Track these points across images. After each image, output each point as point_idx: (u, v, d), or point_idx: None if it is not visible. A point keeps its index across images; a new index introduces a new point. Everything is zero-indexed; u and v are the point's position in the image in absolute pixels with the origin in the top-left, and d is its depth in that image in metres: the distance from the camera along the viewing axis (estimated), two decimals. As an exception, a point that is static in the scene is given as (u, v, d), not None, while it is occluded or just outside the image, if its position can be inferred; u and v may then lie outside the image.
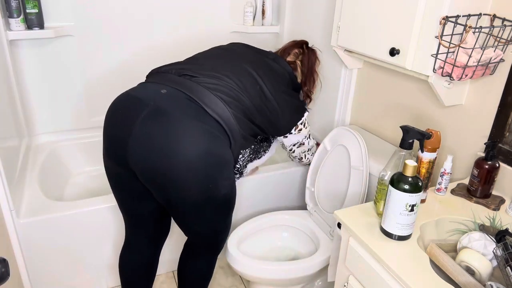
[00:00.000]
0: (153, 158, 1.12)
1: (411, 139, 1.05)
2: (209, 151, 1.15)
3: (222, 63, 1.33)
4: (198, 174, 1.15)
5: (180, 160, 1.11)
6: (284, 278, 1.55)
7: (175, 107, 1.15)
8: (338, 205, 1.61)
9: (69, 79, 2.09)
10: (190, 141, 1.12)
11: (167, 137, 1.11)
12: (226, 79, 1.26)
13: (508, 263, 0.88)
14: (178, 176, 1.13)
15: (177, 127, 1.12)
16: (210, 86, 1.23)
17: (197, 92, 1.20)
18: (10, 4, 1.77)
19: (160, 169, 1.13)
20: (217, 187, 1.20)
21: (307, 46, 1.59)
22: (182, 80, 1.24)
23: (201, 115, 1.17)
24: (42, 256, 1.59)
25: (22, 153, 1.87)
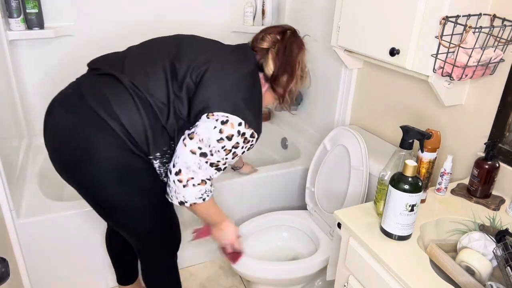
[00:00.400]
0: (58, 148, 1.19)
1: (411, 139, 1.05)
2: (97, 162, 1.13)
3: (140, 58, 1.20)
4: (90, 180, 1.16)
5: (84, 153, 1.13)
6: (284, 278, 1.55)
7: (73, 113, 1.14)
8: (338, 205, 1.61)
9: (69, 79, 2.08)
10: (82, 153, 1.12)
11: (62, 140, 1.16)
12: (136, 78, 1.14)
13: (508, 263, 0.88)
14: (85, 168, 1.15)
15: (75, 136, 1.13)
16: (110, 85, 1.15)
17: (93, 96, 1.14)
18: (10, 4, 1.77)
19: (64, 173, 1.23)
20: (109, 193, 1.17)
21: (293, 32, 1.24)
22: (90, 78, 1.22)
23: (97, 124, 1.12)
24: (42, 256, 1.59)
25: (22, 153, 1.87)
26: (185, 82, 1.13)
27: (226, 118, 1.11)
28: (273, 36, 1.22)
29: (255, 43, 1.24)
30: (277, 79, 1.21)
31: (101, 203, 1.22)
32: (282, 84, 1.22)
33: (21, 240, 1.52)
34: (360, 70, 1.78)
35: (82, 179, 1.18)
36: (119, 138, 1.11)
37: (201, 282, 1.90)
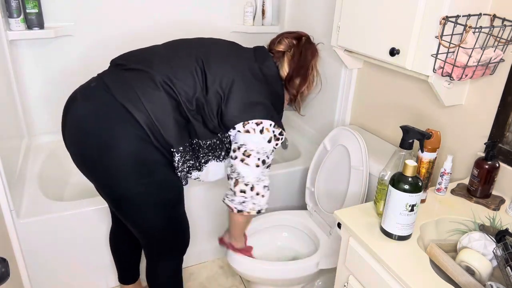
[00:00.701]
0: (77, 143, 1.22)
1: (411, 139, 1.05)
2: (132, 153, 1.14)
3: (164, 55, 1.24)
4: (125, 169, 1.16)
5: (104, 146, 1.15)
6: (284, 278, 1.55)
7: (96, 105, 1.17)
8: (338, 205, 1.61)
9: (69, 79, 2.08)
10: (112, 138, 1.14)
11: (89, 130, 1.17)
12: (158, 71, 1.18)
13: (508, 263, 0.88)
14: (105, 162, 1.16)
15: (99, 125, 1.15)
16: (134, 79, 1.17)
17: (120, 88, 1.16)
18: (10, 4, 1.77)
19: (83, 164, 1.23)
20: (125, 186, 1.18)
21: (307, 39, 1.34)
22: (115, 72, 1.23)
23: (121, 115, 1.14)
24: (42, 256, 1.59)
25: (22, 153, 1.87)
26: (214, 89, 1.19)
27: (261, 122, 1.20)
28: (290, 40, 1.31)
29: (272, 46, 1.33)
30: (291, 80, 1.30)
31: (117, 195, 1.22)
32: (295, 86, 1.32)
33: (21, 240, 1.52)
34: (360, 70, 1.78)
35: (101, 170, 1.18)
36: (142, 129, 1.13)
37: (201, 282, 1.90)
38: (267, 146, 1.23)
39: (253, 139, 1.21)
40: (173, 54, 1.24)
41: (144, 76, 1.17)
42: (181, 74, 1.18)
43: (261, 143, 1.21)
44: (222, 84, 1.19)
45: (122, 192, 1.20)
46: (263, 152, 1.23)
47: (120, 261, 1.64)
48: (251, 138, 1.21)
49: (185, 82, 1.18)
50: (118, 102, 1.14)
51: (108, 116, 1.14)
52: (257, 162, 1.23)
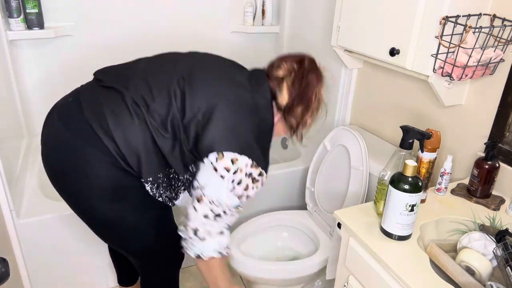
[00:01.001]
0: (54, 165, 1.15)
1: (411, 139, 1.05)
2: (88, 177, 1.09)
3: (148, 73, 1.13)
4: (80, 195, 1.12)
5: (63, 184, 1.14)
6: (284, 278, 1.55)
7: (69, 125, 1.11)
8: (338, 205, 1.61)
9: (69, 79, 2.09)
10: (75, 166, 1.09)
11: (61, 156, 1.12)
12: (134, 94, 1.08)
13: (508, 263, 0.88)
14: (68, 194, 1.15)
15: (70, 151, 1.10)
16: (108, 101, 1.09)
17: (92, 111, 1.09)
18: (10, 4, 1.77)
19: (56, 183, 1.17)
20: (100, 210, 1.13)
21: (312, 62, 1.17)
22: (93, 88, 1.16)
23: (93, 141, 1.07)
24: (42, 256, 1.59)
25: (22, 153, 1.87)
26: (192, 114, 1.06)
27: (236, 160, 1.04)
28: (290, 64, 1.15)
29: (270, 70, 1.17)
30: (291, 110, 1.14)
31: (92, 219, 1.19)
32: (296, 116, 1.15)
33: (21, 240, 1.52)
34: (360, 70, 1.78)
35: (73, 194, 1.14)
36: (111, 155, 1.05)
37: (201, 282, 1.90)
38: (227, 199, 1.07)
39: (213, 181, 1.06)
40: (154, 70, 1.13)
41: (117, 97, 1.08)
42: (157, 93, 1.07)
43: (221, 192, 1.06)
44: (203, 109, 1.06)
45: (97, 216, 1.15)
46: (218, 203, 1.07)
47: (118, 264, 1.63)
48: (212, 178, 1.05)
49: (160, 103, 1.06)
50: (89, 125, 1.06)
51: (78, 140, 1.07)
52: (205, 213, 1.08)
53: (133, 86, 1.09)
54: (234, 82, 1.12)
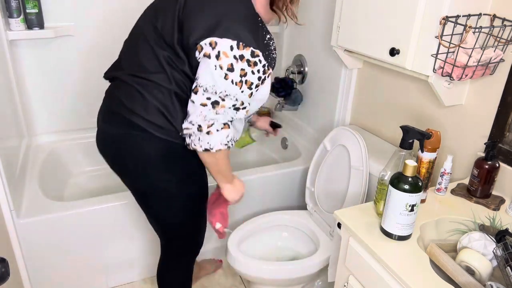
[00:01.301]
0: (109, 157, 1.29)
1: (411, 139, 1.05)
2: (143, 153, 1.19)
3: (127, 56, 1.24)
4: (136, 176, 1.24)
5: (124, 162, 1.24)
6: (284, 278, 1.55)
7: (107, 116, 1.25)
8: (338, 205, 1.61)
9: (69, 79, 2.09)
10: (126, 150, 1.21)
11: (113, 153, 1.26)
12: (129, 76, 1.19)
13: (508, 263, 0.88)
14: (127, 168, 1.25)
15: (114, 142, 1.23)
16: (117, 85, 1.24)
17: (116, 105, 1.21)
18: (10, 4, 1.77)
19: (114, 163, 1.28)
20: (150, 182, 1.23)
21: None
22: (113, 91, 1.27)
23: (127, 123, 1.18)
24: (42, 256, 1.59)
25: (22, 153, 1.87)
26: (173, 34, 1.09)
27: (215, 43, 1.01)
28: None
29: None
30: None
31: (142, 192, 1.28)
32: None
33: (21, 240, 1.52)
34: (360, 70, 1.78)
35: (130, 172, 1.25)
36: (146, 131, 1.15)
37: (201, 281, 1.90)
38: (220, 82, 1.04)
39: (205, 70, 1.04)
40: (131, 38, 1.25)
41: (120, 82, 1.22)
42: (140, 50, 1.16)
43: (213, 77, 1.03)
44: (176, 19, 1.08)
45: (147, 188, 1.25)
46: (212, 90, 1.05)
47: None
48: (204, 70, 1.05)
49: (147, 57, 1.15)
50: (119, 114, 1.19)
51: (118, 129, 1.21)
52: (202, 101, 1.07)
53: (125, 63, 1.23)
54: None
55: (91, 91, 2.14)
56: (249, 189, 1.88)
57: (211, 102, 1.07)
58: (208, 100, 1.07)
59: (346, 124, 1.90)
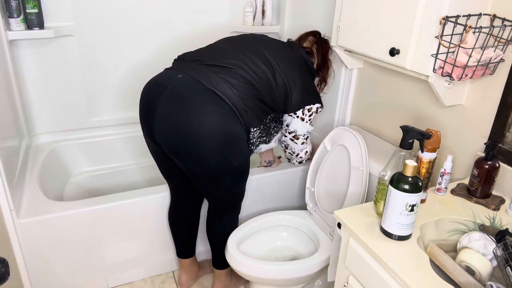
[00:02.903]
0: (172, 134, 1.38)
1: (411, 139, 1.05)
2: (220, 128, 1.36)
3: (231, 49, 1.50)
4: (213, 148, 1.37)
5: (194, 136, 1.35)
6: (284, 278, 1.55)
7: (188, 90, 1.37)
8: (338, 205, 1.61)
9: (69, 79, 2.09)
10: (202, 120, 1.34)
11: (182, 116, 1.35)
12: (232, 62, 1.43)
13: (508, 263, 0.88)
14: (195, 149, 1.37)
15: (191, 108, 1.34)
16: (217, 70, 1.41)
17: (206, 77, 1.39)
18: (10, 4, 1.77)
19: (179, 144, 1.38)
20: (229, 159, 1.42)
21: (320, 35, 1.72)
22: (195, 66, 1.44)
23: (210, 97, 1.37)
24: (42, 256, 1.59)
25: (22, 153, 1.87)
26: (280, 77, 1.48)
27: (311, 108, 1.58)
28: (311, 38, 1.70)
29: (298, 42, 1.69)
30: (322, 67, 1.69)
31: (203, 170, 1.43)
32: (324, 71, 1.71)
33: (21, 240, 1.52)
34: (360, 70, 1.78)
35: (192, 151, 1.39)
36: (229, 107, 1.38)
37: (201, 281, 1.90)
38: (310, 128, 1.65)
39: (301, 126, 1.61)
40: (239, 47, 1.50)
41: (223, 68, 1.42)
42: (251, 63, 1.45)
43: (306, 128, 1.63)
44: (285, 74, 1.48)
45: (208, 167, 1.41)
46: (307, 133, 1.67)
47: (178, 236, 1.78)
48: (301, 124, 1.60)
49: (257, 69, 1.44)
50: (207, 88, 1.37)
51: (197, 96, 1.36)
52: (303, 141, 1.69)
53: (232, 60, 1.44)
54: (292, 52, 1.58)
55: (91, 91, 2.14)
56: (249, 189, 1.88)
57: (306, 138, 1.69)
58: (304, 139, 1.70)
59: (346, 124, 1.90)
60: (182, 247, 1.79)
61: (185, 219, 1.74)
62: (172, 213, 1.74)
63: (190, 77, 1.40)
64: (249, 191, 1.89)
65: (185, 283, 1.83)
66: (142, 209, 1.71)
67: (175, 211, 1.73)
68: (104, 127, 2.24)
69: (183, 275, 1.83)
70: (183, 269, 1.82)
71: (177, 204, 1.72)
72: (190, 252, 1.81)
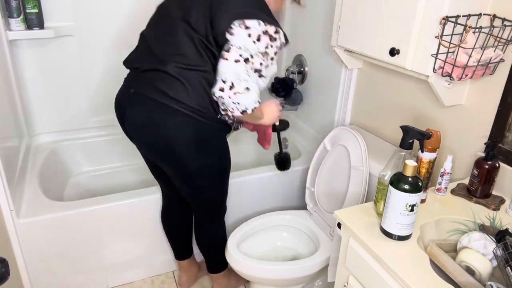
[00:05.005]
0: (145, 149, 1.41)
1: (411, 139, 1.05)
2: (184, 138, 1.31)
3: (155, 43, 1.33)
4: (183, 156, 1.34)
5: (164, 153, 1.35)
6: (284, 278, 1.55)
7: (143, 113, 1.32)
8: (338, 205, 1.61)
9: (69, 79, 2.09)
10: (165, 137, 1.31)
11: (147, 138, 1.35)
12: (163, 60, 1.29)
13: (508, 263, 0.88)
14: (168, 161, 1.37)
15: (151, 131, 1.32)
16: (153, 77, 1.30)
17: (151, 91, 1.30)
18: (10, 4, 1.77)
19: (153, 157, 1.42)
20: (201, 160, 1.37)
21: None
22: (138, 76, 1.35)
23: (163, 111, 1.29)
24: (42, 256, 1.59)
25: (22, 153, 1.87)
26: (202, 22, 1.24)
27: (248, 27, 1.21)
28: None
29: None
30: None
31: (185, 174, 1.40)
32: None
33: (21, 240, 1.52)
34: (360, 70, 1.78)
35: (170, 160, 1.37)
36: (184, 114, 1.27)
37: (201, 282, 1.90)
38: (252, 45, 1.22)
39: (237, 38, 1.21)
40: (159, 30, 1.33)
41: (159, 72, 1.29)
42: (178, 42, 1.27)
43: (245, 41, 1.21)
44: (206, 15, 1.24)
45: (194, 168, 1.37)
46: (245, 48, 1.22)
47: (173, 239, 1.76)
48: (236, 35, 1.21)
49: (186, 47, 1.25)
50: (155, 100, 1.28)
51: (154, 114, 1.30)
52: (236, 57, 1.21)
53: (159, 52, 1.30)
54: None
55: (91, 91, 2.14)
56: (249, 189, 1.88)
57: (244, 59, 1.22)
58: (241, 56, 1.21)
59: (346, 124, 1.90)
60: (179, 250, 1.78)
61: (178, 221, 1.72)
62: (164, 216, 1.73)
63: (140, 95, 1.32)
64: (249, 191, 1.89)
65: (185, 284, 1.83)
66: (142, 209, 1.71)
67: (167, 214, 1.72)
68: (104, 127, 2.24)
69: (182, 276, 1.83)
70: (182, 270, 1.83)
71: (169, 207, 1.70)
72: (187, 253, 1.80)
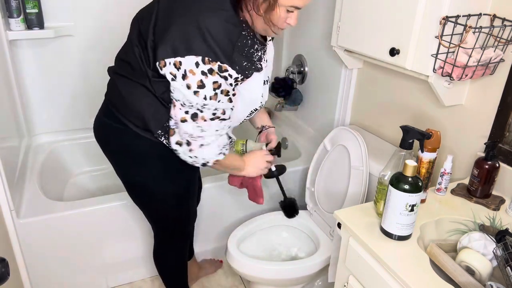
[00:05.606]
0: None
1: (411, 139, 1.05)
2: (114, 149, 1.30)
3: None
4: (117, 165, 1.33)
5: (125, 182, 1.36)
6: (284, 278, 1.55)
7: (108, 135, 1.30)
8: (338, 205, 1.61)
9: (69, 79, 2.09)
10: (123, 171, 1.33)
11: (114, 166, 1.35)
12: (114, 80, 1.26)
13: (508, 263, 0.88)
14: (112, 158, 1.34)
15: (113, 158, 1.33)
16: None
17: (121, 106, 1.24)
18: (10, 4, 1.77)
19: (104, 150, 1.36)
20: (129, 176, 1.33)
21: None
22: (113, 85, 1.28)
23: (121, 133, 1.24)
24: (42, 256, 1.59)
25: (22, 153, 1.87)
26: (150, 45, 1.07)
27: (179, 63, 0.98)
28: None
29: None
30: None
31: (124, 182, 1.36)
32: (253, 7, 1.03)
33: (21, 240, 1.52)
34: (360, 70, 1.78)
35: (112, 161, 1.35)
36: (123, 124, 1.21)
37: (201, 281, 1.90)
38: (194, 99, 1.01)
39: (174, 87, 1.02)
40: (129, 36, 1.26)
41: (111, 81, 1.30)
42: (129, 51, 1.19)
43: (185, 96, 1.01)
44: (156, 30, 1.06)
45: (128, 180, 1.34)
46: (188, 104, 1.02)
47: None
48: (174, 84, 1.01)
49: (133, 60, 1.15)
50: (108, 105, 1.28)
51: (103, 120, 1.30)
52: (182, 116, 1.05)
53: (122, 55, 1.26)
54: None
55: (91, 91, 2.14)
56: (249, 189, 1.88)
57: (190, 116, 1.06)
58: (187, 114, 1.06)
59: (346, 124, 1.90)
60: None
61: None
62: None
63: (109, 109, 1.27)
64: (249, 191, 1.89)
65: None
66: (142, 209, 1.71)
67: None
68: (104, 127, 2.25)
69: None
70: None
71: None
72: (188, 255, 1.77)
